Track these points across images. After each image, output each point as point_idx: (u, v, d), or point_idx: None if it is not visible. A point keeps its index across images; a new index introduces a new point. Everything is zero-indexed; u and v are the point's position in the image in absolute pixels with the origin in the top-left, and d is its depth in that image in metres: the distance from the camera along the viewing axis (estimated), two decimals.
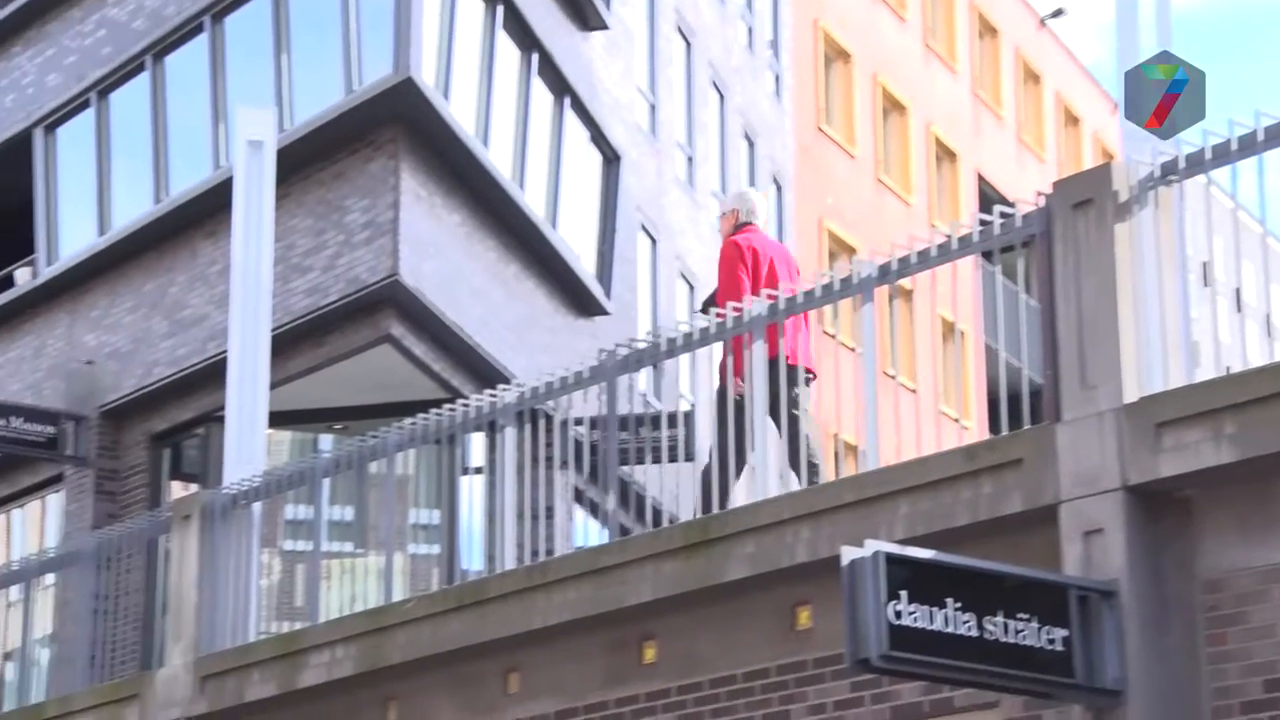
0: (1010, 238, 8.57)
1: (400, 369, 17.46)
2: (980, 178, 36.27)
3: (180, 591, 12.15)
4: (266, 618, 12.40)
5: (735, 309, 9.65)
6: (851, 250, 30.46)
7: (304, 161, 17.55)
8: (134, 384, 19.02)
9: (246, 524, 12.06)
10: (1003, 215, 8.57)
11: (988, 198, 34.48)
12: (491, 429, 10.82)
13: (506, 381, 12.20)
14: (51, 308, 20.26)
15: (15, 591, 13.93)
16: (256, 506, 12.08)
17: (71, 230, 20.39)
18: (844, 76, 32.55)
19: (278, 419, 15.67)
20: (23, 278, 20.74)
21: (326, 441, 18.31)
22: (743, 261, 10.76)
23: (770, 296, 9.63)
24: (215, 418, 17.73)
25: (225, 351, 13.86)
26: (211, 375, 17.64)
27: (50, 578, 13.82)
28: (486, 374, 17.63)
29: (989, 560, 7.63)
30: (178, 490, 18.66)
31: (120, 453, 19.23)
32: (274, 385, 14.06)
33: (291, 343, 17.25)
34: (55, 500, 19.92)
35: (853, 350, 9.53)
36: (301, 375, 17.51)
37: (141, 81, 19.62)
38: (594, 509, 10.53)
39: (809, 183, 30.42)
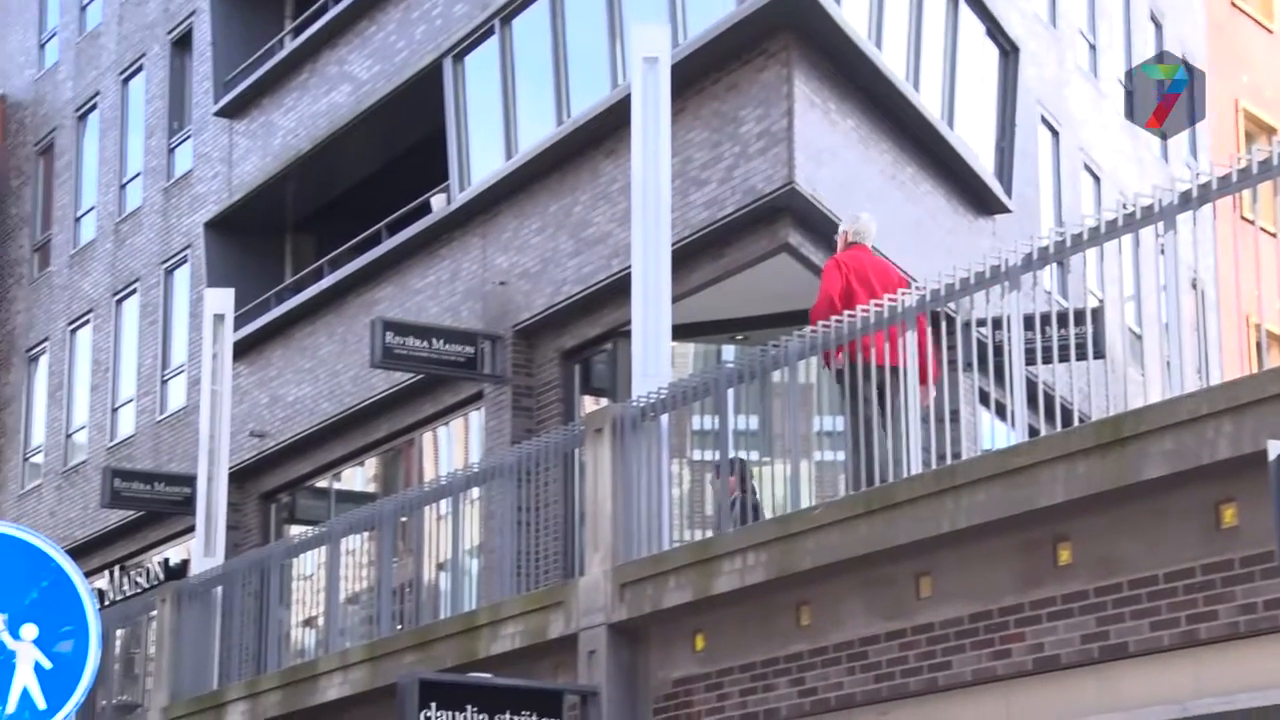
0: None
1: (799, 277, 17.28)
2: None
3: (596, 502, 12.28)
4: (679, 526, 12.42)
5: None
6: (1271, 131, 29.03)
7: (698, 75, 17.47)
8: (544, 303, 19.28)
9: (656, 435, 12.10)
10: None
11: None
12: None
13: (906, 285, 11.89)
14: (465, 232, 20.67)
15: (444, 505, 14.24)
16: (664, 418, 12.11)
17: (481, 156, 20.75)
18: None
19: (681, 331, 15.72)
20: (438, 204, 21.19)
21: (729, 352, 18.33)
22: (839, 278, 11.58)
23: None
24: (621, 332, 17.87)
25: (629, 267, 13.89)
26: (616, 291, 17.77)
27: (475, 491, 14.06)
28: None
29: None
30: (589, 404, 18.88)
31: (534, 370, 19.52)
32: (676, 298, 14.06)
33: (692, 256, 17.24)
34: (476, 417, 20.37)
35: (1274, 236, 8.98)
36: (702, 287, 17.49)
37: (541, 6, 19.79)
38: (1000, 410, 10.19)
39: (1222, 62, 29.02)
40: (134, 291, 27.84)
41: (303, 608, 15.98)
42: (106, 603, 25.72)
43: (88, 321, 28.99)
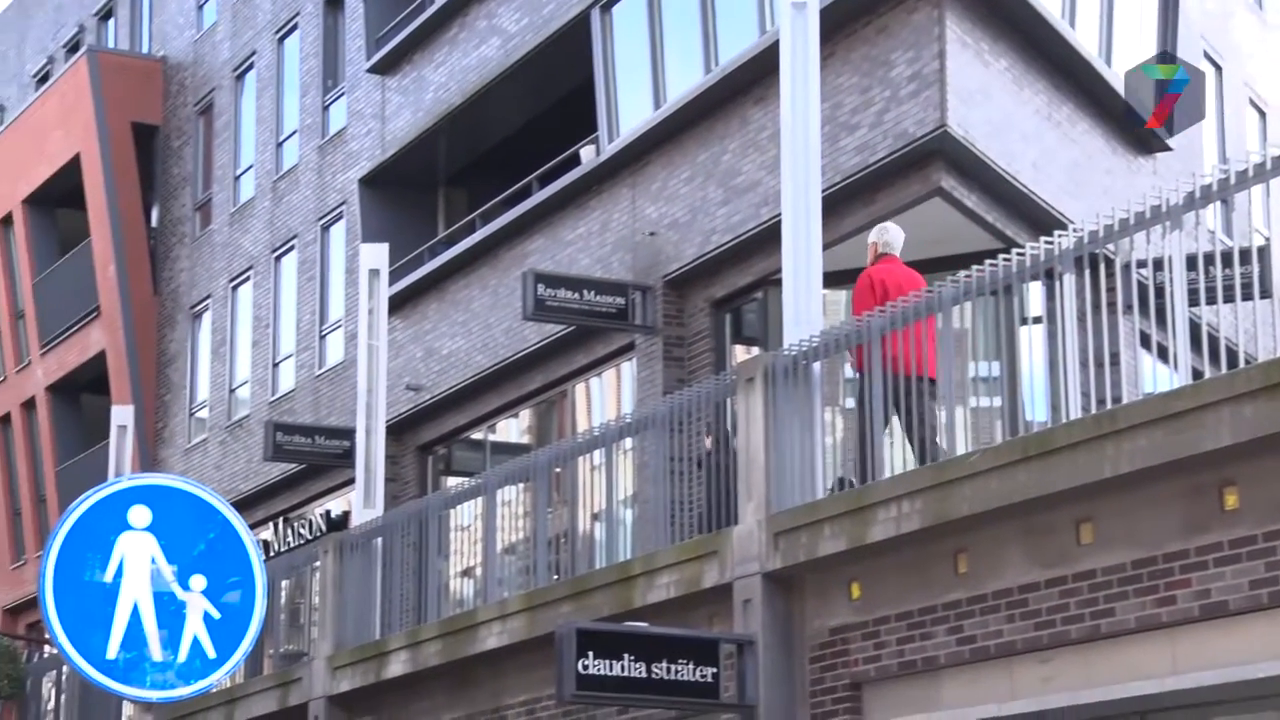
0: None
1: (952, 221, 16.99)
2: None
3: (749, 452, 12.18)
4: (833, 474, 12.31)
5: None
6: None
7: (847, 18, 17.20)
8: (694, 252, 19.16)
9: (807, 384, 11.98)
10: None
11: None
12: (1050, 276, 10.39)
13: (1063, 227, 11.64)
14: (615, 183, 20.59)
15: (598, 456, 14.21)
16: (816, 366, 11.99)
17: (629, 106, 20.63)
18: None
19: (833, 279, 15.54)
20: (587, 156, 21.13)
21: None
22: (872, 294, 12.17)
23: None
24: (772, 281, 17.73)
25: (779, 215, 13.72)
26: (767, 239, 17.61)
27: (628, 441, 14.03)
28: (1042, 221, 17.00)
29: None
30: (740, 354, 18.81)
31: (685, 320, 19.45)
32: (827, 246, 13.89)
33: (842, 202, 17.03)
34: (628, 368, 20.34)
35: None
36: (854, 234, 17.25)
37: None
38: (1162, 353, 9.91)
39: None
40: (292, 248, 28.09)
41: (460, 558, 16.03)
42: (271, 554, 26.04)
43: (248, 278, 29.31)
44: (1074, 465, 9.65)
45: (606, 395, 21.20)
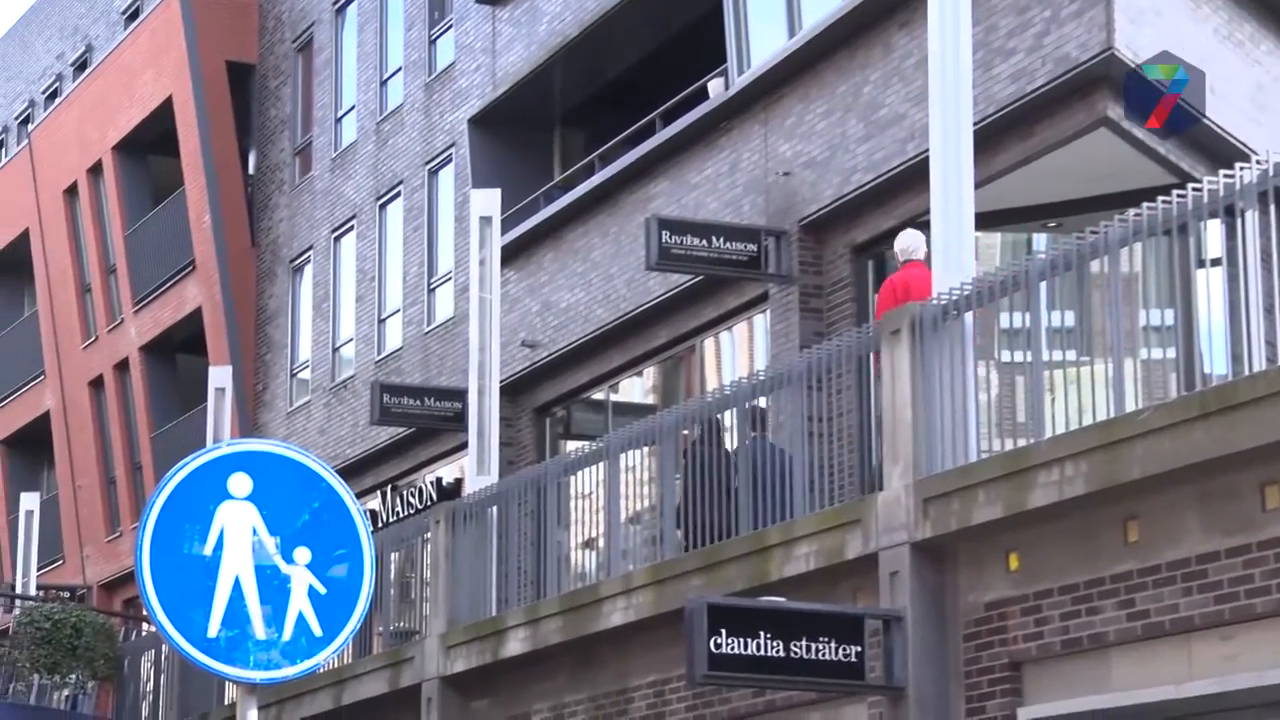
0: None
1: (1120, 154, 16.72)
2: None
3: (894, 410, 12.14)
4: (987, 435, 12.19)
5: None
6: None
7: None
8: (832, 193, 19.02)
9: (959, 336, 11.89)
10: None
11: None
12: (1230, 214, 10.22)
13: (1245, 159, 11.37)
14: (745, 119, 20.49)
15: (729, 416, 14.19)
16: (968, 316, 11.90)
17: (761, 35, 20.50)
18: None
19: (986, 220, 15.37)
20: (716, 90, 21.04)
21: (1041, 241, 17.94)
22: (894, 300, 13.32)
23: None
24: (919, 223, 17.52)
25: (926, 151, 13.58)
26: (913, 178, 17.44)
27: (763, 400, 14.01)
28: (1221, 152, 16.66)
29: None
30: None
31: (823, 267, 19.34)
32: (980, 184, 13.73)
33: (997, 135, 16.83)
34: (761, 320, 20.27)
35: None
36: (1009, 170, 17.06)
37: None
38: None
39: None
40: (398, 195, 28.23)
41: (582, 528, 16.08)
42: (379, 525, 26.23)
43: (351, 228, 29.50)
44: (1258, 422, 9.49)
45: (738, 350, 21.15)
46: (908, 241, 14.15)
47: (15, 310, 40.77)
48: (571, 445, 22.81)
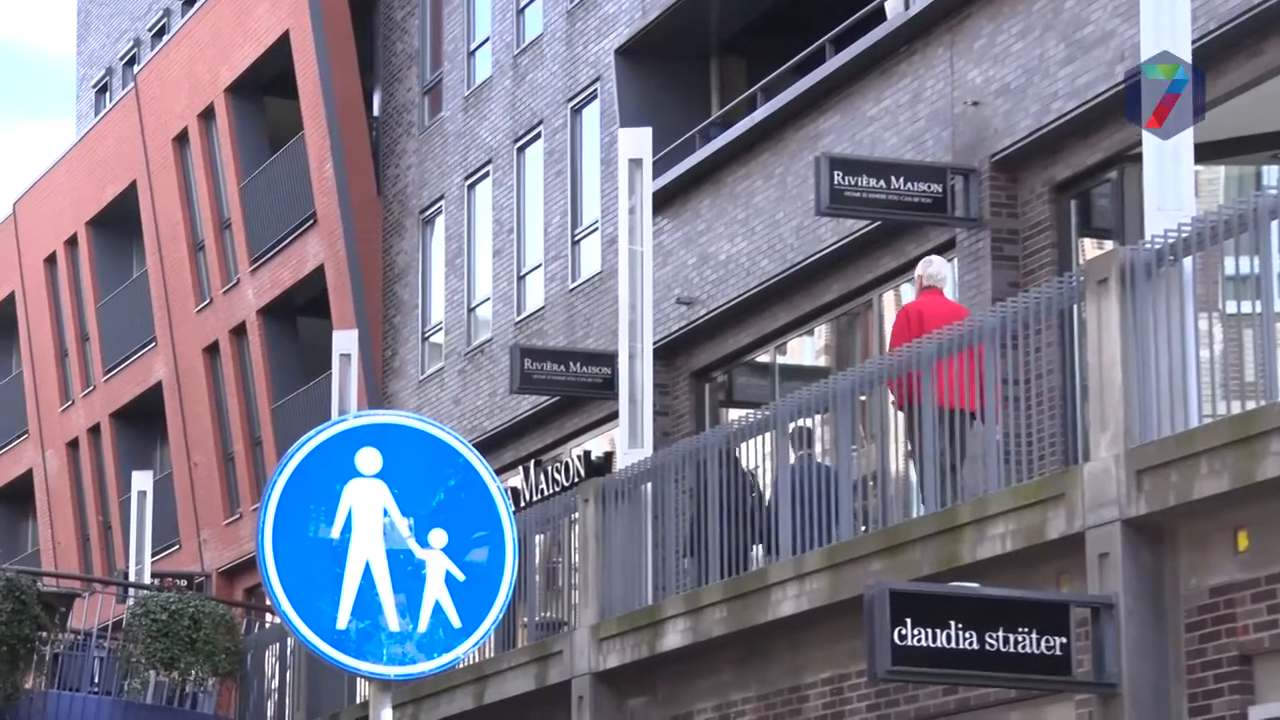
0: None
1: None
2: None
3: (1101, 371, 12.02)
4: (1210, 397, 12.02)
5: None
6: None
7: None
8: (1029, 125, 18.83)
9: (1176, 284, 11.74)
10: None
11: None
12: None
13: None
14: (928, 42, 20.33)
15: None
16: (1187, 262, 11.74)
17: None
18: None
19: (1206, 151, 15.09)
20: (894, 9, 20.90)
21: (1271, 174, 17.71)
22: (909, 328, 14.42)
23: None
24: (1129, 157, 17.38)
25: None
26: (1121, 106, 17.13)
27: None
28: None
29: None
30: (1089, 249, 18.49)
31: (1018, 209, 19.17)
32: (1198, 110, 13.43)
33: (1219, 54, 16.61)
34: (948, 271, 20.06)
35: None
36: (1234, 94, 16.82)
37: None
38: None
39: None
40: (537, 136, 28.28)
41: (745, 506, 16.01)
42: (522, 504, 26.35)
43: (486, 174, 29.60)
44: None
45: None
46: (930, 269, 15.24)
47: (124, 271, 41.35)
48: (734, 413, 22.77)
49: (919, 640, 11.40)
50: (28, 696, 25.19)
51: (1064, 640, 11.58)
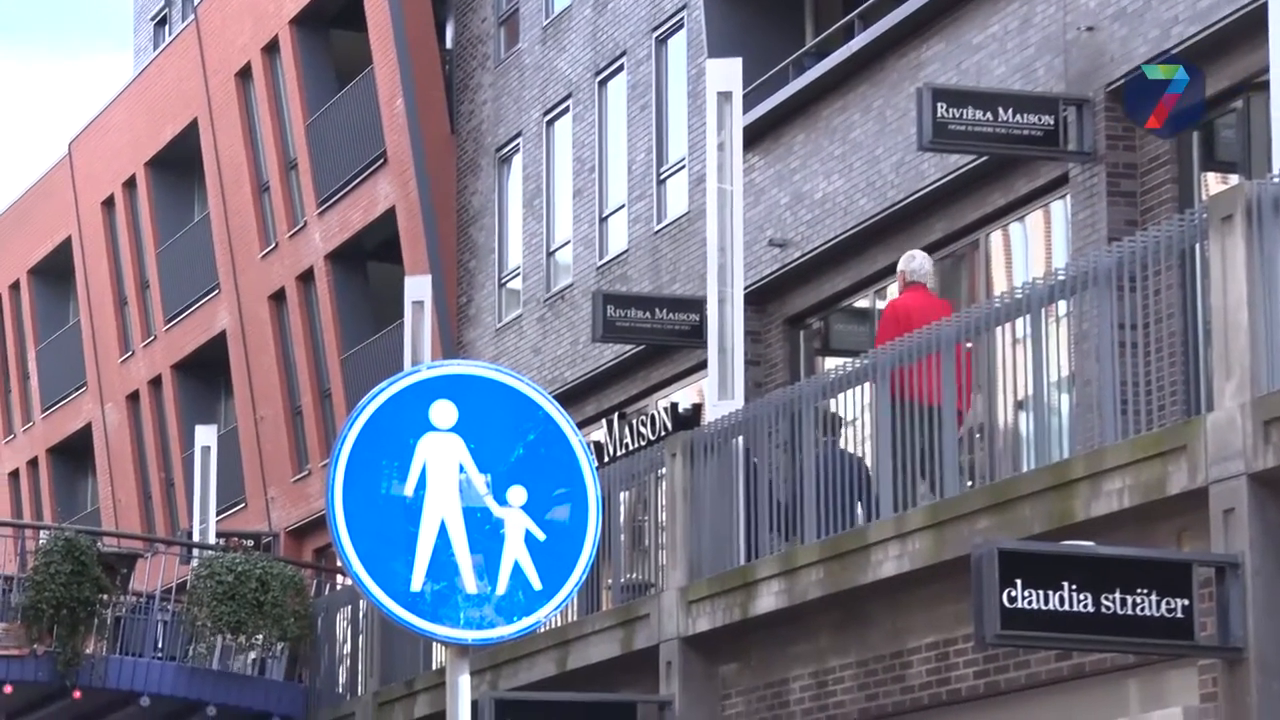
0: None
1: None
2: None
3: (1226, 314, 11.97)
4: None
5: None
6: None
7: None
8: (1147, 51, 18.67)
9: None
10: None
11: None
12: None
13: None
14: None
15: (1021, 325, 14.12)
16: None
17: None
18: None
19: None
20: None
21: None
22: (895, 325, 15.07)
23: None
24: (1256, 84, 17.23)
25: None
26: (1249, 30, 17.03)
27: (1063, 306, 13.92)
28: None
29: None
30: (1213, 184, 18.34)
31: (1136, 142, 19.05)
32: None
33: None
34: (1059, 208, 20.08)
35: None
36: None
37: None
38: None
39: None
40: (620, 68, 28.24)
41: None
42: (605, 459, 26.38)
43: (566, 109, 29.58)
44: None
45: (1032, 245, 20.97)
46: (913, 264, 15.82)
47: (185, 215, 41.55)
48: (831, 362, 22.71)
49: (1030, 603, 11.45)
50: (89, 662, 25.48)
51: (1185, 602, 11.58)
